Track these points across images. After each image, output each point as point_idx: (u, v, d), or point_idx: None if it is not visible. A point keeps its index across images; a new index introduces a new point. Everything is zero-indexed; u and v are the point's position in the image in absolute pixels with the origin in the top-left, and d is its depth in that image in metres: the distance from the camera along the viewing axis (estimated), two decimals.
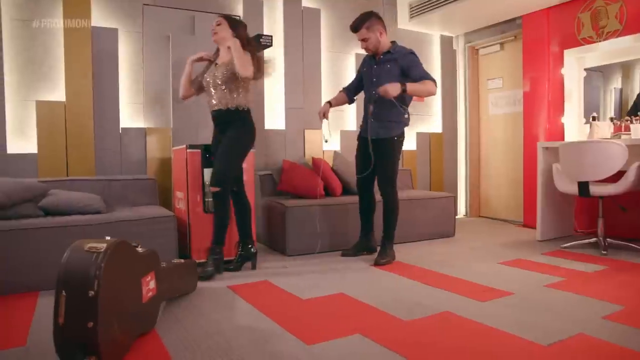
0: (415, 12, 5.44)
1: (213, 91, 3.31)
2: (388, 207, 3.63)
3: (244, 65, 3.14)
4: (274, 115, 4.92)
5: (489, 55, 5.94)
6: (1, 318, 2.45)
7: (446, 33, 6.05)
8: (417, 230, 4.47)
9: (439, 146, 5.97)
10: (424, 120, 5.94)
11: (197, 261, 3.20)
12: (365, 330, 2.19)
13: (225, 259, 3.33)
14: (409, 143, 5.67)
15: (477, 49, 6.08)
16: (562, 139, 4.83)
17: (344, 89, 3.93)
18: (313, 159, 4.46)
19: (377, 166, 3.59)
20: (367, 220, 3.84)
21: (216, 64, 3.38)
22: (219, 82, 3.26)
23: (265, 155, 4.75)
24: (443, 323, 2.30)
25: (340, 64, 5.34)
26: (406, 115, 3.60)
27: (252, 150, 3.69)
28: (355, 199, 4.09)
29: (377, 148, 3.55)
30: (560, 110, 4.88)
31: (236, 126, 3.27)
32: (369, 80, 3.65)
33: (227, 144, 3.22)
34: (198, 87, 3.49)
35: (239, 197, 3.43)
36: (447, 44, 6.08)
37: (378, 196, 3.72)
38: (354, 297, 2.73)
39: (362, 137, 3.74)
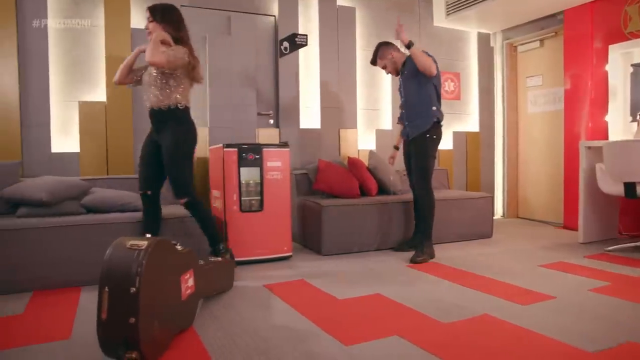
0: (452, 9, 5.35)
1: (148, 90, 2.99)
2: (422, 204, 3.71)
3: (150, 51, 2.78)
4: (309, 115, 4.92)
5: (528, 52, 5.80)
6: (47, 312, 2.53)
7: (483, 30, 5.93)
8: (453, 231, 4.40)
9: (475, 145, 5.86)
10: (461, 119, 5.84)
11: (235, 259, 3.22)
12: (403, 331, 2.16)
13: None
14: (445, 142, 5.59)
15: (516, 46, 5.94)
16: (606, 138, 4.66)
17: (399, 119, 4.04)
18: (349, 158, 4.44)
19: (412, 164, 3.76)
20: (418, 217, 3.93)
21: None
22: (153, 81, 2.95)
23: (301, 155, 4.75)
24: (482, 326, 2.25)
25: None
26: (434, 108, 3.65)
27: (286, 150, 3.72)
28: (390, 198, 4.14)
29: (412, 146, 3.73)
30: (604, 108, 4.71)
31: (172, 127, 2.95)
32: (400, 91, 3.89)
33: (170, 152, 2.93)
34: (137, 78, 3.14)
35: (156, 201, 3.12)
36: (484, 41, 5.97)
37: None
38: (391, 297, 2.70)
39: (404, 140, 3.93)
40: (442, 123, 3.72)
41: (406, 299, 2.65)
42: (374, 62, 3.94)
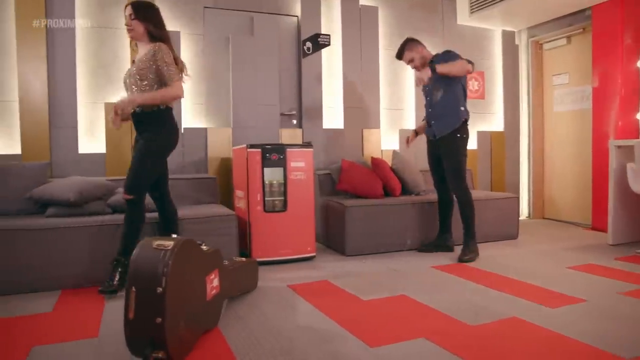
0: (476, 7, 5.28)
1: (128, 93, 2.89)
2: (461, 203, 3.68)
3: (168, 96, 2.77)
4: (332, 115, 4.91)
5: (555, 49, 5.69)
6: (74, 310, 2.56)
7: (508, 28, 5.84)
8: (478, 232, 4.29)
9: (500, 145, 5.77)
10: (485, 119, 5.75)
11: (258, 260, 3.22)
12: (430, 334, 2.14)
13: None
14: (469, 142, 5.49)
15: (541, 44, 5.83)
16: (637, 136, 4.54)
17: (425, 119, 3.96)
18: (372, 158, 4.41)
19: (444, 164, 3.72)
20: (443, 218, 3.94)
21: (133, 61, 2.96)
22: (134, 82, 2.82)
23: (324, 155, 4.74)
24: (511, 329, 2.20)
25: (399, 62, 5.23)
26: (462, 108, 3.64)
27: (310, 150, 3.71)
28: (415, 199, 4.13)
29: (442, 147, 3.69)
30: (635, 106, 4.59)
31: (152, 128, 2.83)
32: (427, 88, 3.82)
33: (141, 148, 2.81)
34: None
35: (164, 204, 3.00)
36: (509, 39, 5.87)
37: None
38: (416, 299, 2.66)
39: (429, 140, 3.89)
40: (468, 122, 3.68)
41: (432, 301, 2.62)
42: (400, 55, 3.82)
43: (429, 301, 2.62)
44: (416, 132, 4.11)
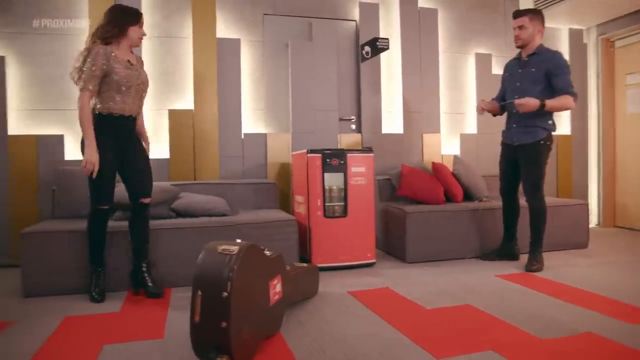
0: (541, 5, 5.07)
1: (133, 95, 2.85)
2: (535, 213, 3.51)
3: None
4: (391, 119, 4.85)
5: (628, 46, 5.37)
6: (140, 311, 2.64)
7: (575, 26, 5.57)
8: (546, 240, 4.09)
9: (567, 150, 5.51)
10: None
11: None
12: (499, 346, 2.04)
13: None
14: None
15: (613, 41, 5.53)
16: None
17: (493, 99, 3.79)
18: (433, 163, 4.31)
19: (522, 172, 3.54)
20: (510, 226, 3.78)
21: (131, 63, 2.85)
22: (140, 87, 2.90)
23: (383, 160, 4.67)
24: (587, 345, 2.07)
25: (460, 65, 5.13)
26: (550, 122, 3.46)
27: (370, 155, 3.67)
28: (477, 205, 4.00)
29: (522, 153, 3.50)
30: None
31: (137, 135, 3.02)
32: (513, 84, 3.59)
33: (147, 157, 3.05)
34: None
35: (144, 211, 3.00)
36: (576, 37, 5.60)
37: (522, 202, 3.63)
38: (482, 309, 2.56)
39: (505, 144, 3.68)
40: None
41: (499, 311, 2.51)
42: (519, 14, 3.45)
43: (495, 311, 2.51)
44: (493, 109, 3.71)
